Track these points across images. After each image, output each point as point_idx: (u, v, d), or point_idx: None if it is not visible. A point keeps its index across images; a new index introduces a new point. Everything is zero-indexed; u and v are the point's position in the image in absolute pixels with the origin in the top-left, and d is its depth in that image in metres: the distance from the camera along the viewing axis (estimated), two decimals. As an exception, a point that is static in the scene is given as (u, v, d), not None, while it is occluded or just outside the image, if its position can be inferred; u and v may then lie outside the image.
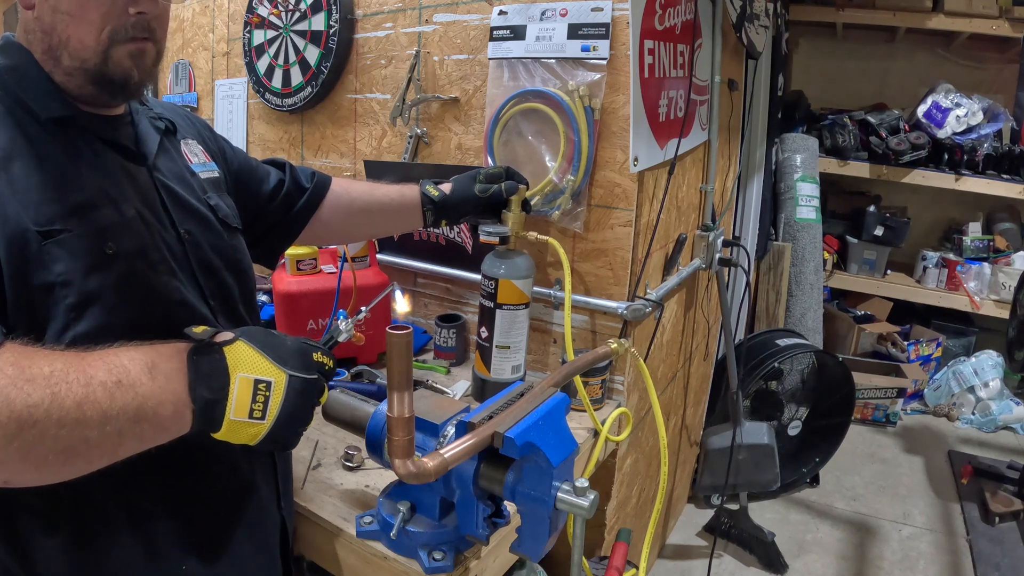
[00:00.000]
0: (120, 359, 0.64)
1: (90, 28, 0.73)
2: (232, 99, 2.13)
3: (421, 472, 0.70)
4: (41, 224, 0.68)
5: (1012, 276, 3.24)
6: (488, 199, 1.23)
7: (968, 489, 2.66)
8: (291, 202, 1.18)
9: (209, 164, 0.99)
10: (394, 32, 1.69)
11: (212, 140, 1.06)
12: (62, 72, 0.76)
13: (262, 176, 1.15)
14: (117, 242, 0.73)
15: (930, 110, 3.31)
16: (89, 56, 0.74)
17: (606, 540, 1.57)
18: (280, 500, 0.96)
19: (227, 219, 0.94)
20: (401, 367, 0.68)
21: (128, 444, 0.64)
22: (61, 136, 0.75)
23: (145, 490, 0.79)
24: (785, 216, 3.17)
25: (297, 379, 0.72)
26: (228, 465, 0.87)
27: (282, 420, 0.72)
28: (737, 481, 2.16)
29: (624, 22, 1.32)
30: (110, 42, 0.74)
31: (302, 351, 0.75)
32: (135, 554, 0.79)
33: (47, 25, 0.73)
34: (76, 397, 0.59)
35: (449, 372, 1.56)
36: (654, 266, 1.56)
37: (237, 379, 0.69)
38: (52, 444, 0.58)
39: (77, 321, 0.69)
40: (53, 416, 0.58)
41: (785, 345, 2.50)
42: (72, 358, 0.62)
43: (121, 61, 0.76)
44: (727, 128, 2.07)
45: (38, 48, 0.75)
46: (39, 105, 0.74)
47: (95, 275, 0.71)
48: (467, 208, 1.25)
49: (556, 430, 0.81)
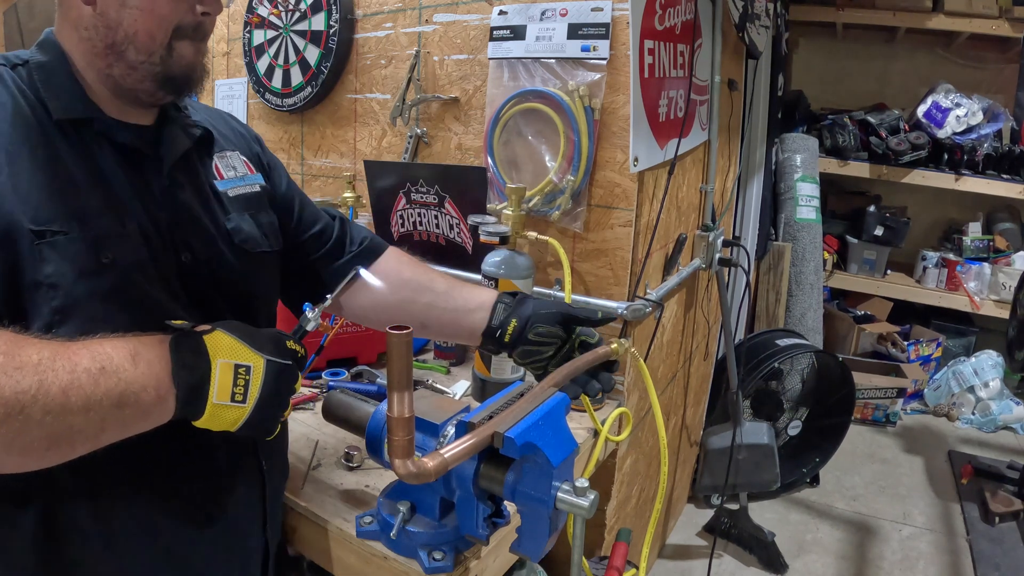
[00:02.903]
0: (104, 347, 0.65)
1: (159, 23, 0.75)
2: (232, 99, 2.13)
3: (421, 472, 0.70)
4: (38, 223, 0.68)
5: (1012, 276, 3.24)
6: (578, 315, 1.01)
7: (968, 489, 2.66)
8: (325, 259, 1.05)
9: (250, 177, 0.95)
10: (394, 32, 1.69)
11: (263, 155, 1.02)
12: (124, 66, 0.75)
13: (305, 219, 1.04)
14: (114, 253, 0.73)
15: (930, 110, 3.31)
16: (156, 49, 0.76)
17: (606, 540, 1.57)
18: (266, 524, 0.95)
19: (245, 243, 0.89)
20: (401, 367, 0.68)
21: (110, 430, 0.65)
22: (76, 139, 0.75)
23: (119, 506, 0.78)
24: (785, 216, 3.17)
25: (274, 363, 0.74)
26: (207, 486, 0.86)
27: (262, 404, 0.73)
28: (737, 481, 2.16)
29: (624, 22, 1.32)
30: (174, 37, 0.76)
31: (276, 339, 0.77)
32: (101, 560, 0.78)
33: (112, 20, 0.74)
34: (62, 384, 0.60)
35: (449, 372, 1.56)
36: (654, 266, 1.56)
37: (218, 364, 0.71)
38: (37, 430, 0.59)
39: (61, 324, 0.69)
40: (40, 402, 0.58)
41: (785, 345, 2.50)
42: (58, 346, 0.63)
43: (184, 55, 0.78)
44: (727, 128, 2.07)
45: (98, 43, 0.75)
46: (56, 105, 0.74)
47: (85, 282, 0.70)
48: (550, 313, 1.00)
49: (556, 430, 0.81)
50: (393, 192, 1.66)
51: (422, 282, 1.06)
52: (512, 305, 1.01)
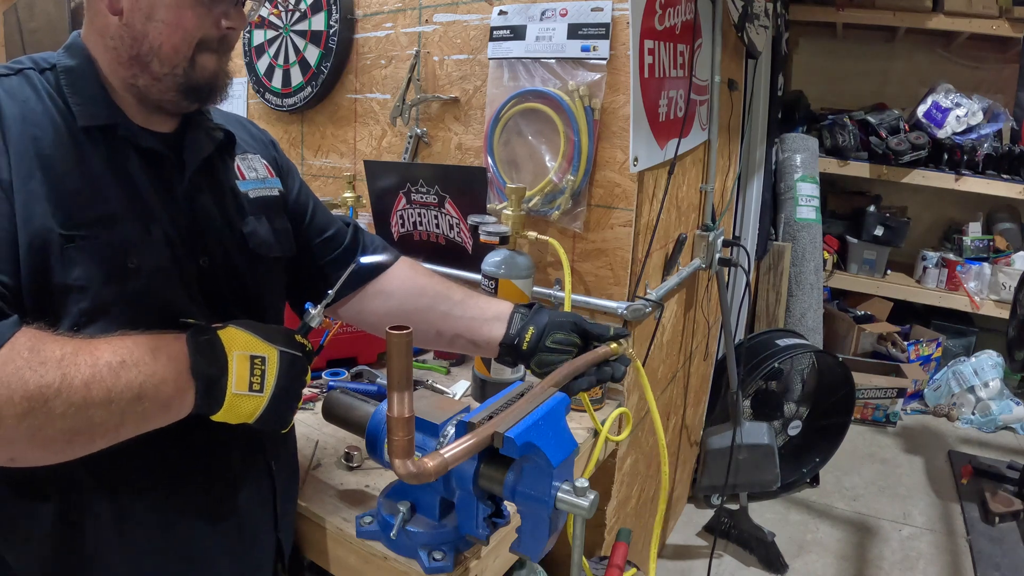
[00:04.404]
0: (124, 342, 0.67)
1: (184, 36, 0.76)
2: (232, 99, 2.13)
3: (421, 472, 0.70)
4: (68, 228, 0.69)
5: (1012, 276, 3.24)
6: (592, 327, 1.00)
7: (968, 489, 2.66)
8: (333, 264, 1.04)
9: (270, 180, 0.96)
10: (394, 32, 1.69)
11: (279, 158, 1.02)
12: (149, 77, 0.76)
13: (317, 224, 1.04)
14: (140, 258, 0.74)
15: (930, 110, 3.31)
16: (180, 62, 0.77)
17: (606, 540, 1.57)
18: (278, 522, 0.96)
19: (259, 248, 0.90)
20: (401, 367, 0.68)
21: (130, 424, 0.66)
22: (103, 144, 0.76)
23: (134, 501, 0.79)
24: (785, 216, 3.17)
25: (287, 354, 0.77)
26: (220, 483, 0.87)
27: (279, 393, 0.75)
28: (737, 481, 2.16)
29: (624, 22, 1.32)
30: (197, 50, 0.77)
31: (285, 332, 0.80)
32: (115, 555, 0.79)
33: (138, 32, 0.75)
34: (84, 377, 0.62)
35: (449, 372, 1.56)
36: (654, 266, 1.56)
37: (234, 356, 0.73)
38: (60, 423, 0.61)
39: (87, 326, 0.71)
40: (63, 396, 0.60)
41: (785, 345, 2.50)
42: (80, 343, 0.65)
43: (207, 66, 0.79)
44: (727, 128, 2.07)
45: (123, 54, 0.76)
46: (81, 111, 0.75)
47: (112, 286, 0.72)
48: (565, 322, 1.00)
49: (556, 430, 0.81)
50: (393, 192, 1.66)
51: (439, 291, 1.06)
52: (528, 315, 1.01)
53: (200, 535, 0.85)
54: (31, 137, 0.70)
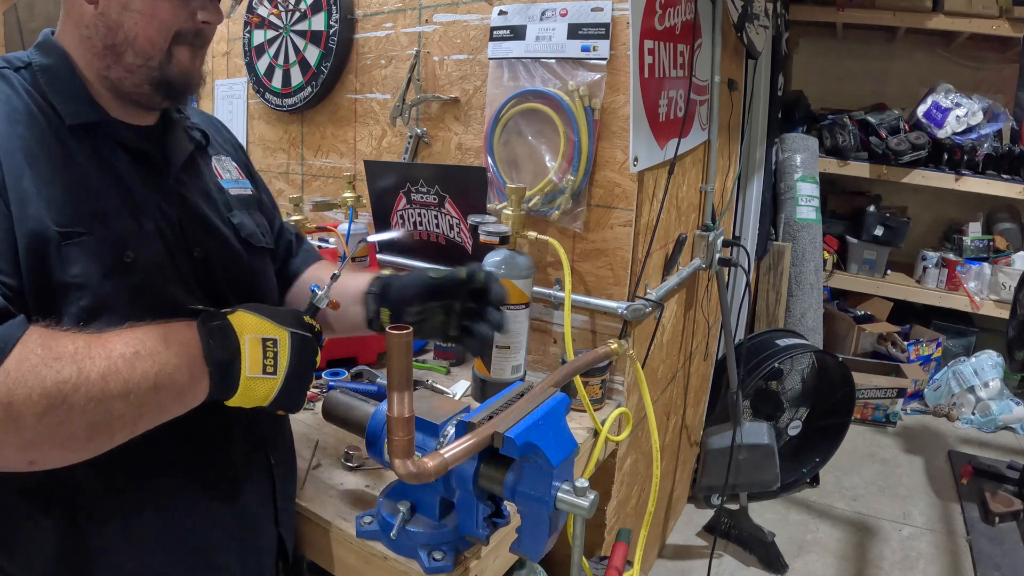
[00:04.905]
0: (135, 333, 0.67)
1: (159, 28, 0.76)
2: (232, 99, 2.13)
3: (421, 472, 0.70)
4: (62, 225, 0.69)
5: (1012, 276, 3.24)
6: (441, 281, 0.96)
7: (968, 489, 2.66)
8: None
9: (242, 181, 0.99)
10: (394, 32, 1.69)
11: (249, 164, 1.06)
12: (122, 68, 0.76)
13: (276, 227, 1.08)
14: (136, 252, 0.74)
15: (930, 110, 3.31)
16: (155, 54, 0.77)
17: (606, 540, 1.57)
18: (278, 517, 0.96)
19: (250, 238, 0.93)
20: (401, 367, 0.69)
21: (148, 415, 0.67)
22: (87, 141, 0.76)
23: (138, 498, 0.79)
24: (785, 216, 3.17)
25: (298, 335, 0.77)
26: (223, 478, 0.87)
27: (291, 374, 0.76)
28: (737, 481, 2.16)
29: (624, 22, 1.32)
30: (173, 42, 0.77)
31: (294, 314, 0.80)
32: (121, 553, 0.79)
33: (113, 22, 0.75)
34: (100, 370, 0.62)
35: (449, 372, 1.56)
36: (654, 266, 1.56)
37: (246, 339, 0.73)
38: (80, 418, 0.60)
39: (89, 323, 0.71)
40: (81, 390, 0.60)
41: (785, 345, 2.50)
42: (91, 336, 0.64)
43: (182, 60, 0.79)
44: (727, 128, 2.07)
45: (97, 43, 0.76)
46: (65, 109, 0.75)
47: (111, 281, 0.72)
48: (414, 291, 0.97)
49: (556, 430, 0.81)
50: (393, 192, 1.66)
51: (320, 277, 1.06)
52: (378, 294, 0.98)
53: (205, 528, 0.85)
54: (18, 136, 0.70)
